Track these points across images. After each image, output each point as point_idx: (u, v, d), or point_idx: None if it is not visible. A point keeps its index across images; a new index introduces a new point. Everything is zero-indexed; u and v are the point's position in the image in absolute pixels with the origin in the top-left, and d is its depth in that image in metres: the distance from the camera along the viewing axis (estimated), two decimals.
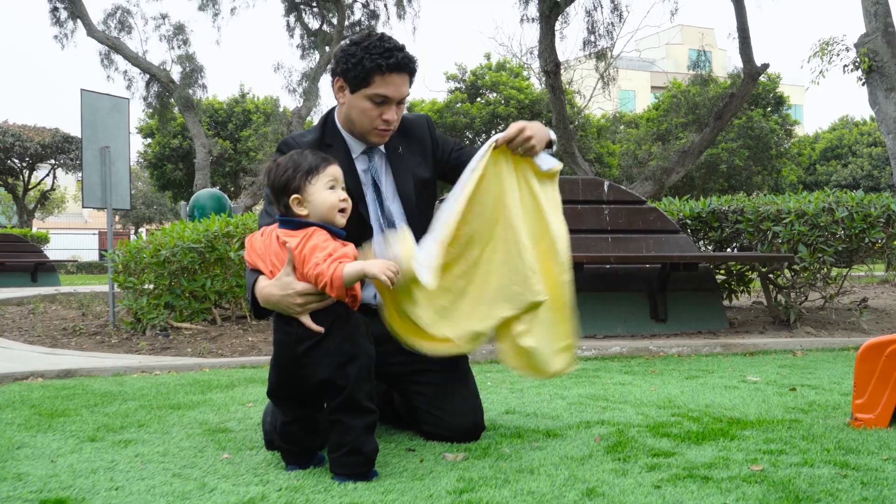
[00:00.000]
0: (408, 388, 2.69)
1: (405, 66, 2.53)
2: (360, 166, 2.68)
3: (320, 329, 2.20)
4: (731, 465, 2.24)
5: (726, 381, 3.90)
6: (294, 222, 2.25)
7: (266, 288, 2.26)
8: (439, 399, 2.62)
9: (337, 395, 2.19)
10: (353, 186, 2.55)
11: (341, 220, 2.28)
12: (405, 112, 2.78)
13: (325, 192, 2.26)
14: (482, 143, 2.55)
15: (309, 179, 2.25)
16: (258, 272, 2.34)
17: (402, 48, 2.54)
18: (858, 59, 9.91)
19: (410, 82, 2.61)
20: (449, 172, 2.79)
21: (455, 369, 2.68)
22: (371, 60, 2.48)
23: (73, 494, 2.04)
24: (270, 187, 2.30)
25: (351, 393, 2.17)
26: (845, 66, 10.33)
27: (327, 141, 2.66)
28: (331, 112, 2.73)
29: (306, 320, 2.21)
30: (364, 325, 2.26)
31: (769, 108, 28.09)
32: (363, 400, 2.18)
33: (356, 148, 2.68)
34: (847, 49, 10.75)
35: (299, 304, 2.20)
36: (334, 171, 2.30)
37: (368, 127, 2.58)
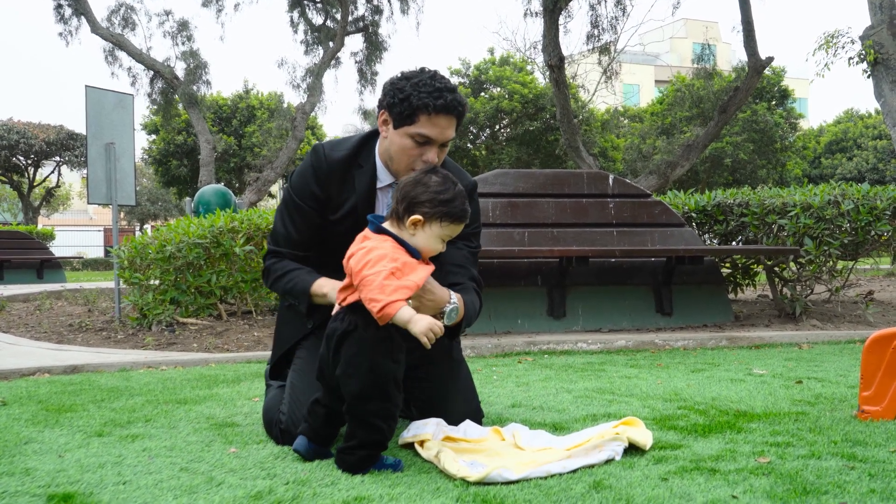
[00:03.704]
0: (406, 385, 2.69)
1: (453, 108, 2.43)
2: (382, 197, 2.60)
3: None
4: (738, 458, 2.24)
5: (732, 374, 3.90)
6: (378, 226, 2.22)
7: (325, 287, 2.46)
8: (431, 397, 2.60)
9: (343, 402, 2.21)
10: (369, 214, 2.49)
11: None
12: (461, 168, 2.71)
13: (439, 241, 2.24)
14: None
15: (443, 220, 2.22)
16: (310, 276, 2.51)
17: (453, 89, 2.45)
18: (864, 52, 9.86)
19: (457, 126, 2.51)
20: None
21: (445, 362, 2.62)
22: (419, 98, 2.40)
23: (81, 489, 2.05)
24: (409, 191, 2.23)
25: (351, 405, 2.17)
26: (850, 58, 10.28)
27: (360, 162, 2.59)
28: (374, 134, 2.64)
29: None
30: (389, 342, 2.18)
31: (774, 102, 28.03)
32: (367, 417, 2.16)
33: (384, 178, 2.58)
34: (852, 41, 10.71)
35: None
36: (459, 229, 2.28)
37: (406, 166, 2.48)
